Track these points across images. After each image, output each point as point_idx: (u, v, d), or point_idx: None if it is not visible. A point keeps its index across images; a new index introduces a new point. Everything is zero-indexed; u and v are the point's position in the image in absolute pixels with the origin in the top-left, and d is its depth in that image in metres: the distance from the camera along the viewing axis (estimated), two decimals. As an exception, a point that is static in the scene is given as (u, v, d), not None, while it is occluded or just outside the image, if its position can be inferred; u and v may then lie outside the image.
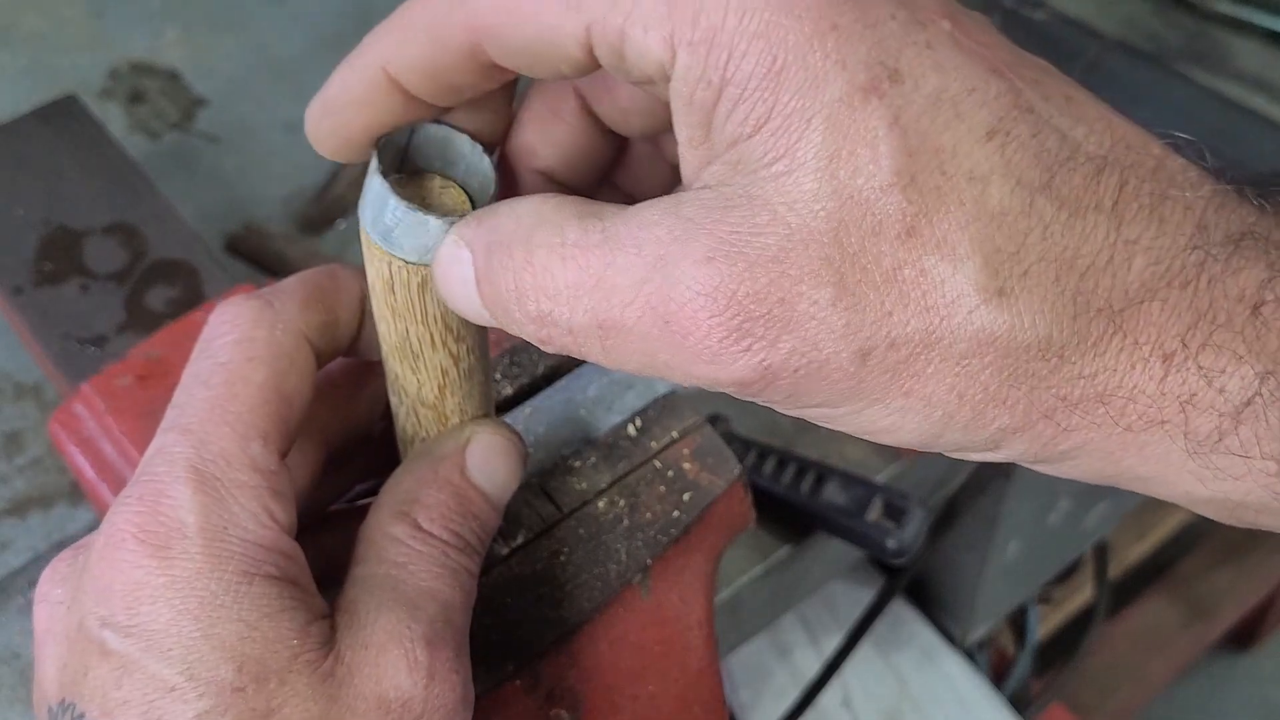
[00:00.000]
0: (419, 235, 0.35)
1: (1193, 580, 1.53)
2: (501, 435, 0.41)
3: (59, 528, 0.67)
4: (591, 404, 0.50)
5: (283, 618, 0.35)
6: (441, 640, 0.37)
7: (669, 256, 0.31)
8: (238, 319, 0.38)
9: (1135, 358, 0.30)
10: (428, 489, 0.40)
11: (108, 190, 0.71)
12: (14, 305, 0.67)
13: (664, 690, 0.48)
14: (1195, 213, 0.31)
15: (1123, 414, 0.31)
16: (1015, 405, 0.31)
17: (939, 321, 0.30)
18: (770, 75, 0.30)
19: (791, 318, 0.30)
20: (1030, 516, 0.94)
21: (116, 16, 0.93)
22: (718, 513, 0.49)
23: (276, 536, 0.36)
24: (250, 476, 0.36)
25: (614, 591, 0.46)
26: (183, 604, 0.34)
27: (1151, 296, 0.30)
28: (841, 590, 0.97)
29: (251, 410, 0.37)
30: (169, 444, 0.36)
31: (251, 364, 0.38)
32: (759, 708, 0.91)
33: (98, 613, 0.35)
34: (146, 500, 0.35)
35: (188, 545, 0.35)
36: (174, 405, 0.38)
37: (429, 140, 0.37)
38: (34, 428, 0.71)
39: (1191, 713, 1.69)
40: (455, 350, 0.39)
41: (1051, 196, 0.30)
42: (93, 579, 0.35)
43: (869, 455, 0.71)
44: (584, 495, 0.48)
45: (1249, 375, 0.29)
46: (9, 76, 0.89)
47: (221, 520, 0.35)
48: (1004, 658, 1.17)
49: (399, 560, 0.38)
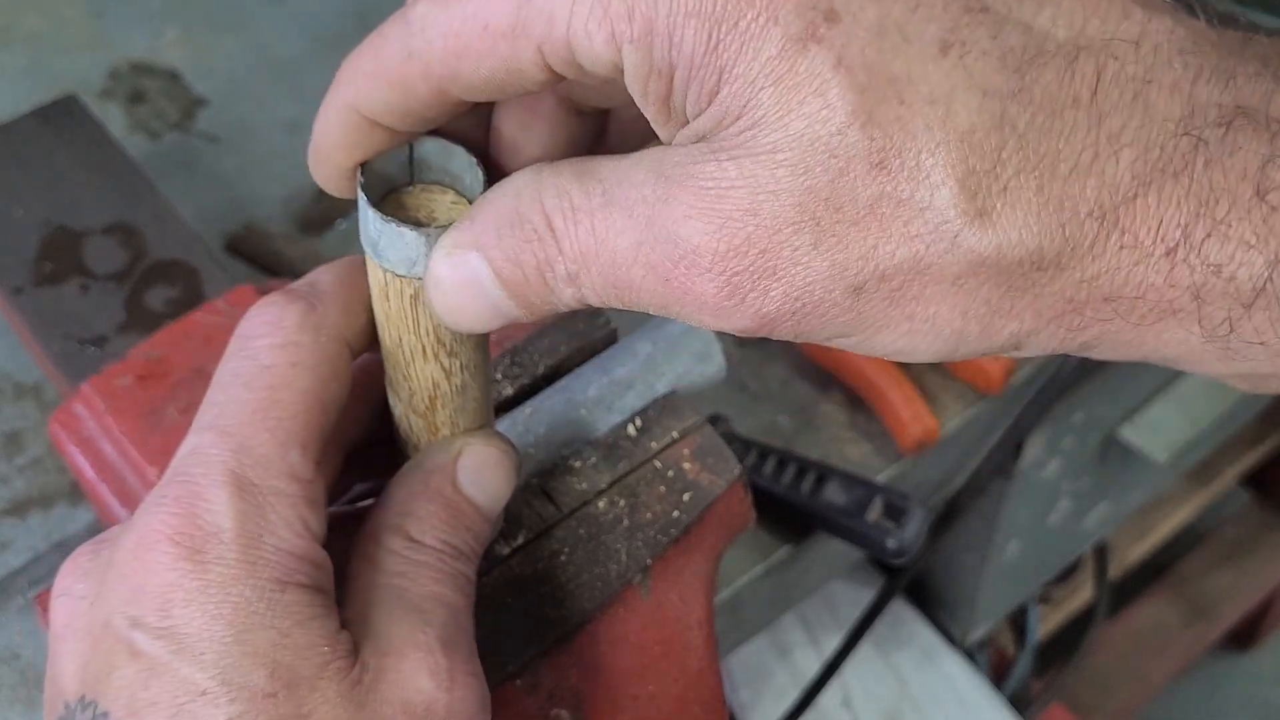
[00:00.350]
0: (400, 247, 0.35)
1: (1193, 580, 1.53)
2: (494, 447, 0.41)
3: (59, 528, 0.67)
4: (591, 404, 0.50)
5: (314, 625, 0.35)
6: (455, 643, 0.38)
7: (655, 218, 0.31)
8: (282, 321, 0.38)
9: (1137, 255, 0.30)
10: (419, 502, 0.40)
11: (108, 190, 0.71)
12: (14, 305, 0.67)
13: (664, 690, 0.48)
14: (1183, 93, 0.29)
15: (1133, 309, 0.30)
16: (1022, 314, 0.31)
17: (925, 248, 0.30)
18: (710, 50, 0.30)
19: (776, 266, 0.30)
20: (1030, 516, 0.94)
21: (116, 16, 0.93)
22: (718, 513, 0.49)
23: (309, 546, 0.36)
24: (288, 485, 0.36)
25: (614, 591, 0.46)
26: (217, 609, 0.34)
27: (1145, 190, 0.29)
28: (841, 590, 0.97)
29: (293, 417, 0.37)
30: (206, 445, 0.36)
31: (295, 370, 0.37)
32: (759, 708, 0.91)
33: (127, 612, 0.35)
34: (183, 502, 0.35)
35: (223, 551, 0.35)
36: (211, 403, 0.37)
37: (432, 154, 0.37)
38: (34, 428, 0.71)
39: (1191, 713, 1.69)
40: (447, 365, 0.39)
41: (1023, 101, 0.29)
42: (121, 578, 0.35)
43: (869, 455, 0.71)
44: (584, 495, 0.48)
45: (1258, 263, 0.29)
46: (9, 76, 0.89)
47: (258, 527, 0.35)
48: (1004, 658, 1.17)
49: (399, 570, 0.38)
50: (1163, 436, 0.92)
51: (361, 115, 0.35)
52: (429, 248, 0.35)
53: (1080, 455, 0.92)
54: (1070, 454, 0.90)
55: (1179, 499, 1.42)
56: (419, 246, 0.35)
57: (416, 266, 0.36)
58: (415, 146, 0.37)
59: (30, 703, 0.62)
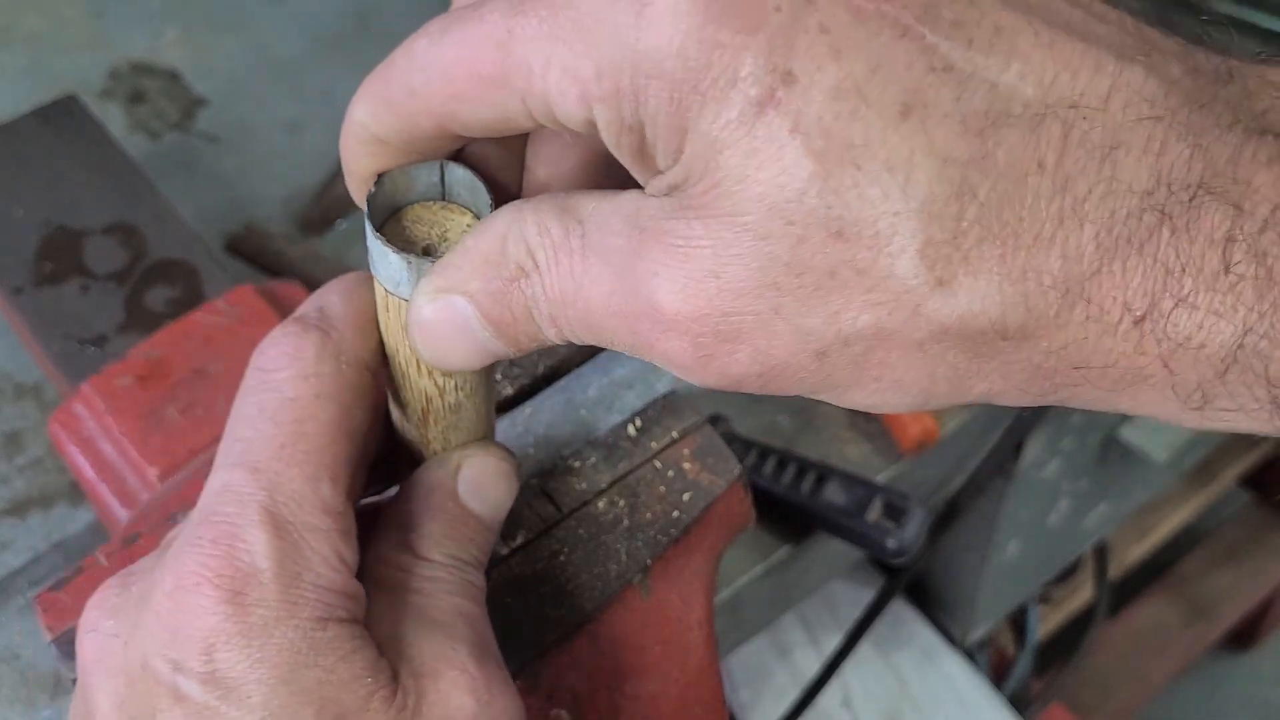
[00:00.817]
0: (386, 266, 0.35)
1: (1193, 580, 1.53)
2: (493, 458, 0.41)
3: (59, 528, 0.67)
4: (591, 404, 0.50)
5: (356, 659, 0.35)
6: (485, 655, 0.38)
7: (627, 269, 0.31)
8: (301, 352, 0.38)
9: (1104, 326, 0.29)
10: (424, 519, 0.40)
11: (108, 190, 0.71)
12: (14, 305, 0.67)
13: (664, 690, 0.48)
14: (1150, 160, 0.29)
15: (1103, 376, 0.30)
16: (990, 376, 0.31)
17: (887, 315, 0.29)
18: (673, 112, 0.30)
19: (740, 330, 0.30)
20: (1030, 516, 0.94)
21: (116, 16, 0.93)
22: (718, 513, 0.49)
23: (346, 580, 0.36)
24: (321, 520, 0.36)
25: (614, 591, 0.46)
26: (261, 652, 0.34)
27: (1109, 262, 0.29)
28: (841, 590, 0.97)
29: (321, 450, 0.37)
30: (237, 483, 0.36)
31: (319, 401, 0.37)
32: (759, 708, 0.91)
33: (168, 656, 0.35)
34: (221, 544, 0.35)
35: (264, 592, 0.35)
36: (236, 439, 0.37)
37: (460, 180, 0.37)
38: (34, 428, 0.71)
39: (1191, 713, 1.69)
40: (440, 383, 0.39)
41: (985, 168, 0.28)
42: (158, 619, 0.35)
43: (869, 456, 0.71)
44: (584, 495, 0.48)
45: (1227, 332, 0.28)
46: (9, 76, 0.89)
47: (296, 566, 0.35)
48: (1004, 658, 1.17)
49: (415, 588, 0.39)
50: (1163, 436, 0.92)
51: (373, 134, 0.35)
52: (410, 274, 0.35)
53: (1080, 455, 0.92)
54: (1070, 454, 0.90)
55: (1179, 499, 1.42)
56: (402, 269, 0.35)
57: (401, 287, 0.36)
58: (446, 169, 0.37)
59: (30, 703, 0.62)
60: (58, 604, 0.47)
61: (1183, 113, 0.29)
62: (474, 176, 0.37)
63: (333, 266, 0.77)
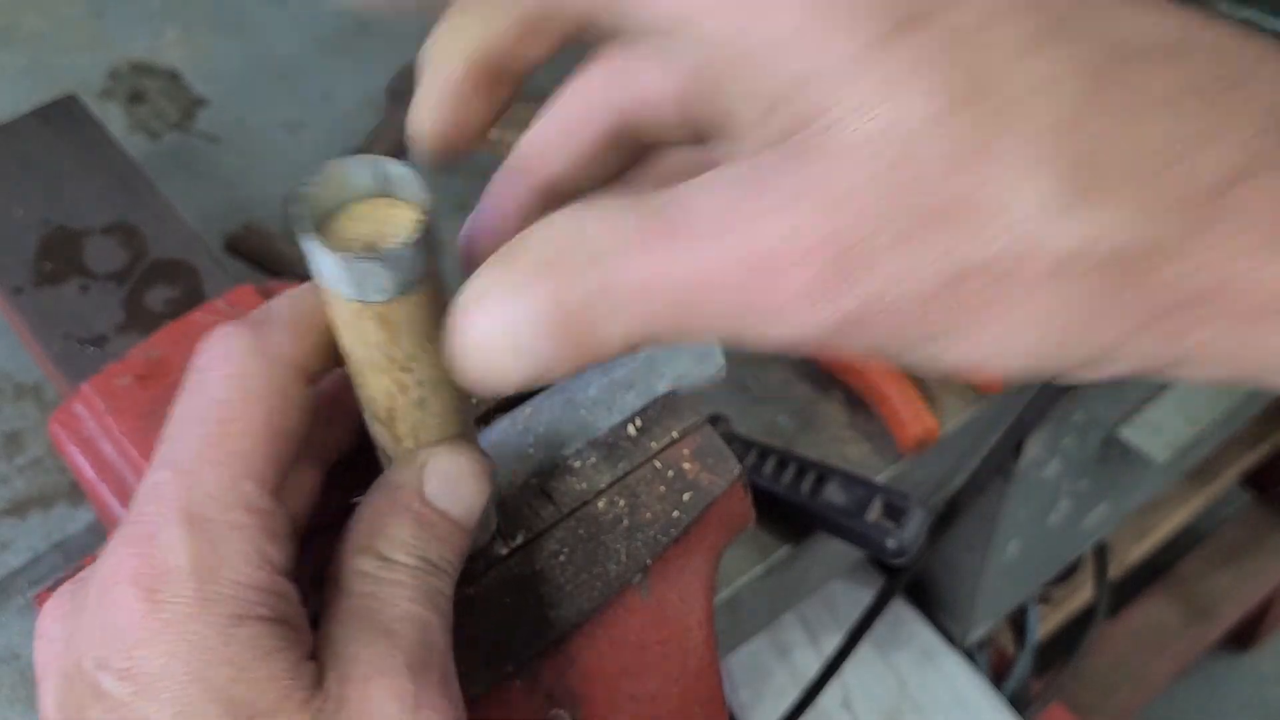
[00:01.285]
0: (324, 267, 0.34)
1: (1193, 580, 1.53)
2: (461, 456, 0.40)
3: (59, 528, 0.67)
4: (591, 404, 0.50)
5: (275, 658, 0.35)
6: (425, 666, 0.37)
7: (725, 229, 0.30)
8: (230, 353, 0.38)
9: (1242, 244, 0.28)
10: (387, 518, 0.39)
11: (108, 190, 0.71)
12: (14, 305, 0.67)
13: (664, 690, 0.48)
14: (1263, 98, 0.29)
15: (1235, 304, 0.29)
16: (1113, 317, 0.29)
17: (1016, 242, 0.29)
18: (795, 39, 0.30)
19: (855, 267, 0.29)
20: (1030, 516, 0.94)
21: (116, 16, 0.93)
22: (718, 513, 0.49)
23: (269, 577, 0.36)
24: (242, 517, 0.36)
25: (614, 591, 0.46)
26: (173, 648, 0.34)
27: (1249, 178, 0.28)
28: (841, 590, 0.97)
29: (246, 451, 0.36)
30: (161, 482, 0.36)
31: (246, 401, 0.37)
32: (759, 708, 0.91)
33: (94, 654, 0.35)
34: (138, 542, 0.35)
35: (179, 588, 0.35)
36: (167, 439, 0.37)
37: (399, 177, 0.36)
38: (34, 428, 0.71)
39: (1191, 713, 1.69)
40: (403, 380, 0.38)
41: (1108, 98, 0.29)
42: (89, 619, 0.35)
43: (869, 456, 0.71)
44: (584, 495, 0.48)
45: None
46: (9, 76, 0.89)
47: (212, 562, 0.35)
48: (1004, 658, 1.17)
49: (368, 591, 0.38)
50: (1163, 436, 0.92)
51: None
52: (350, 274, 0.34)
53: (1080, 455, 0.92)
54: (1070, 454, 0.90)
55: (1179, 499, 1.42)
56: (338, 271, 0.34)
57: (343, 289, 0.35)
58: (384, 166, 0.36)
59: (30, 703, 0.62)
60: (58, 604, 0.47)
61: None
62: (414, 172, 0.36)
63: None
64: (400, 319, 0.36)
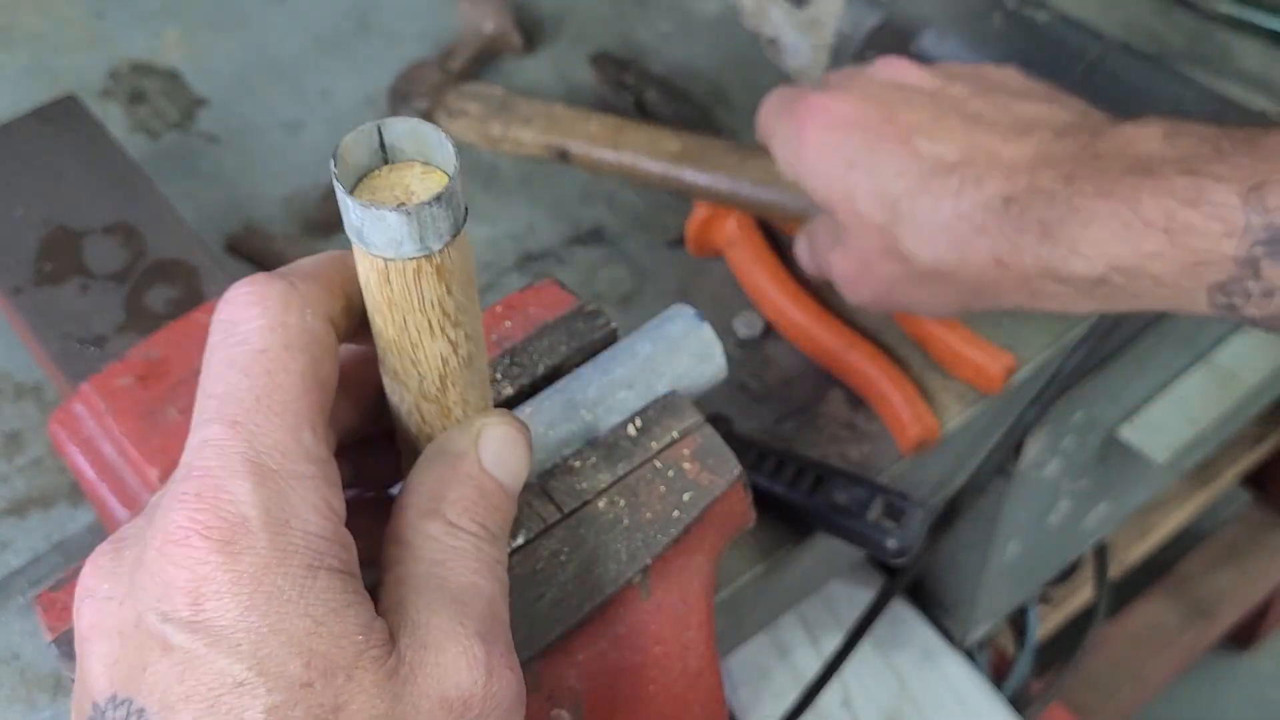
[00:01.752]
0: (383, 230, 0.35)
1: (1193, 580, 1.53)
2: (512, 426, 0.42)
3: (59, 528, 0.67)
4: (591, 404, 0.50)
5: (348, 613, 0.35)
6: (494, 635, 0.37)
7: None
8: (266, 301, 0.37)
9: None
10: (451, 485, 0.40)
11: (108, 190, 0.71)
12: (14, 305, 0.67)
13: (664, 690, 0.48)
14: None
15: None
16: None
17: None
18: None
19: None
20: (1030, 516, 0.94)
21: (116, 16, 0.93)
22: (718, 513, 0.49)
23: (336, 528, 0.36)
24: (306, 467, 0.36)
25: (614, 591, 0.46)
26: (250, 599, 0.34)
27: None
28: (841, 590, 0.96)
29: (297, 399, 0.36)
30: (216, 436, 0.36)
31: (289, 351, 0.37)
32: (759, 708, 0.91)
33: (159, 608, 0.34)
34: (205, 496, 0.35)
35: (252, 540, 0.34)
36: (209, 395, 0.37)
37: (401, 136, 0.37)
38: (34, 428, 0.71)
39: (1191, 713, 1.69)
40: (454, 336, 0.39)
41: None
42: (150, 574, 0.35)
43: (869, 456, 0.71)
44: (584, 495, 0.48)
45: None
46: (9, 76, 0.89)
47: (283, 513, 0.35)
48: (1004, 658, 1.17)
49: (437, 558, 0.38)
50: (1163, 436, 0.92)
51: None
52: (412, 226, 0.35)
53: (1080, 455, 0.92)
54: (1070, 454, 0.90)
55: (1179, 499, 1.42)
56: (402, 227, 0.35)
57: (404, 247, 0.35)
58: (384, 130, 0.37)
59: (30, 702, 0.62)
60: (58, 604, 0.47)
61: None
62: (416, 123, 0.36)
63: (333, 266, 0.77)
64: (454, 265, 0.37)
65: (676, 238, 0.80)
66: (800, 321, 0.73)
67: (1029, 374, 0.75)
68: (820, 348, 0.73)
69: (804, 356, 0.74)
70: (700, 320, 0.53)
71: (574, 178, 0.83)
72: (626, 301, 0.77)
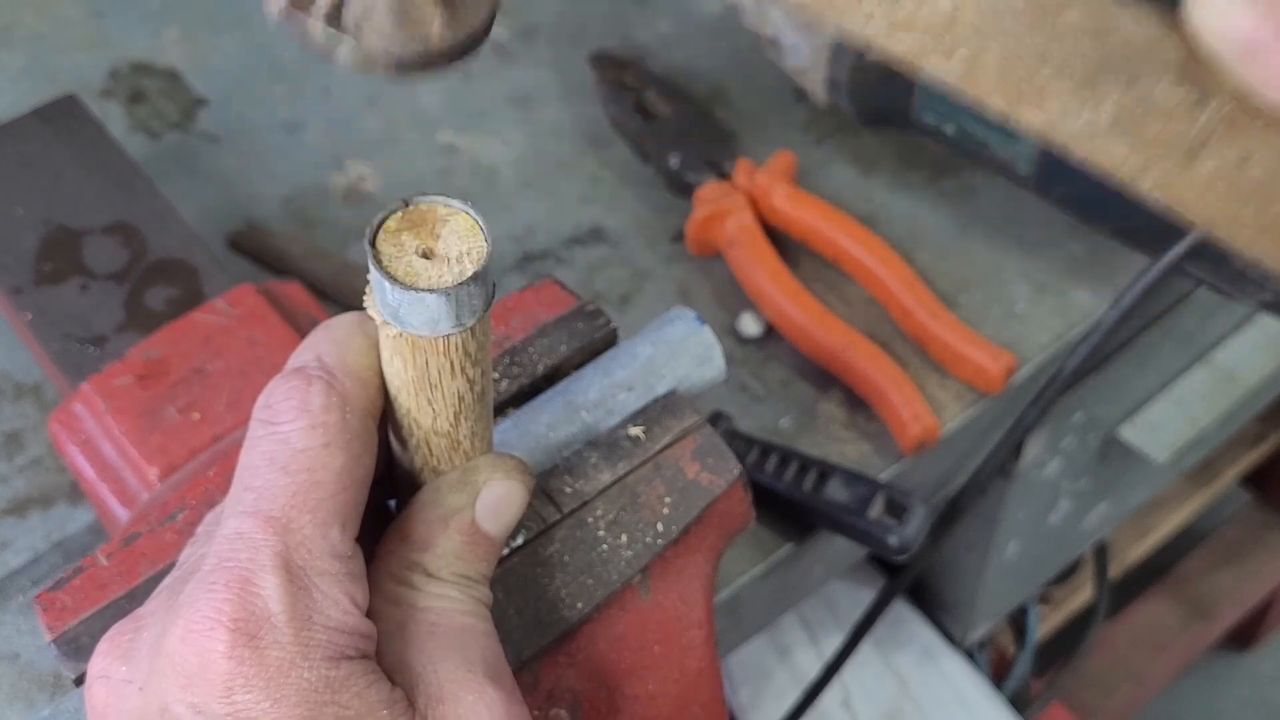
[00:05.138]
0: (421, 311, 0.36)
1: (1193, 580, 1.53)
2: (513, 481, 0.42)
3: (59, 528, 0.67)
4: (592, 405, 0.50)
5: (370, 693, 0.36)
6: (499, 673, 0.39)
7: None
8: (306, 403, 0.39)
9: None
10: (441, 538, 0.41)
11: (108, 190, 0.71)
12: (14, 305, 0.67)
13: (664, 690, 0.48)
14: None
15: None
16: None
17: None
18: None
19: None
20: (1030, 516, 0.94)
21: (116, 16, 0.93)
22: (718, 513, 0.49)
23: (358, 620, 0.37)
24: (331, 564, 0.37)
25: (613, 591, 0.46)
26: (280, 692, 0.35)
27: None
28: (841, 590, 0.96)
29: (331, 498, 0.38)
30: (249, 530, 0.37)
31: (329, 451, 0.38)
32: (759, 708, 0.91)
33: (185, 699, 0.36)
34: (234, 588, 0.36)
35: (278, 635, 0.36)
36: (247, 488, 0.38)
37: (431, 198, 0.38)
38: (34, 428, 0.71)
39: (1191, 713, 1.69)
40: (473, 375, 0.39)
41: None
42: (173, 663, 0.36)
43: (869, 455, 0.71)
44: (584, 495, 0.48)
45: None
46: (9, 76, 0.89)
47: (308, 609, 0.36)
48: (1004, 658, 1.17)
49: (424, 605, 0.39)
50: (1163, 436, 0.92)
51: None
52: (450, 306, 0.36)
53: (1080, 455, 0.92)
54: (1070, 454, 0.90)
55: (1179, 499, 1.42)
56: (440, 307, 0.36)
57: (440, 325, 0.36)
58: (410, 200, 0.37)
59: (30, 702, 0.62)
60: (58, 604, 0.47)
61: None
62: (446, 200, 0.37)
63: (334, 264, 0.77)
64: (487, 324, 0.38)
65: (676, 238, 0.80)
66: (800, 321, 0.73)
67: (1029, 374, 0.75)
68: (820, 348, 0.73)
69: (804, 356, 0.74)
70: (700, 323, 0.53)
71: (574, 177, 0.83)
72: (626, 302, 0.78)
